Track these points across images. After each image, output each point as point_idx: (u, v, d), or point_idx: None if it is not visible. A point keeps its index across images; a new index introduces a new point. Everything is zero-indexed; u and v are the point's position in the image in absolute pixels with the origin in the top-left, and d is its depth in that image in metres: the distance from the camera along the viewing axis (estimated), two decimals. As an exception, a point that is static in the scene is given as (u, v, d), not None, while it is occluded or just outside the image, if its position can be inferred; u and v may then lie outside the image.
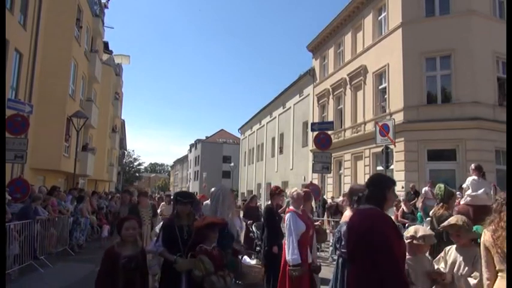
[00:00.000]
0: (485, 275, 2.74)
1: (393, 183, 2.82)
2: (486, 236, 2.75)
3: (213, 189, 4.35)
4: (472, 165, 6.96)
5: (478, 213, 4.98)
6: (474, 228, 3.78)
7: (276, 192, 6.14)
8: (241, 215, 9.25)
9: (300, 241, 4.34)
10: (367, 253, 2.52)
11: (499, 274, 2.59)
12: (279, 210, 6.16)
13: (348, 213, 4.15)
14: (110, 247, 3.46)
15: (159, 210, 9.82)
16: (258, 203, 14.25)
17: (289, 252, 4.24)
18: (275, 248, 5.46)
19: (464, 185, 7.00)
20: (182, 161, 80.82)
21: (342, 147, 18.75)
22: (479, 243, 3.32)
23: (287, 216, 4.47)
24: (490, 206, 6.48)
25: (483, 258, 2.77)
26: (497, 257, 2.59)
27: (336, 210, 11.69)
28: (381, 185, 2.74)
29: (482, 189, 6.36)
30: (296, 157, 25.72)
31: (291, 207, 4.59)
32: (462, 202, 6.44)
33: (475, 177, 6.62)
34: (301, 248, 4.33)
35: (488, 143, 13.26)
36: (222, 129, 66.40)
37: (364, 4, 18.04)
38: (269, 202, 6.42)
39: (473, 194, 6.36)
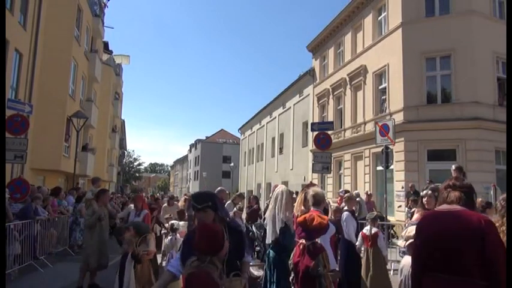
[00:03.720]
0: None
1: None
2: None
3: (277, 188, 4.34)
4: (453, 166, 7.13)
5: None
6: None
7: None
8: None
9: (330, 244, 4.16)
10: (477, 258, 2.21)
11: None
12: None
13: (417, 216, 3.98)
14: (211, 275, 2.24)
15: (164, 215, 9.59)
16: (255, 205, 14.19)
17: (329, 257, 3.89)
18: None
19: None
20: (182, 161, 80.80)
21: (342, 147, 18.75)
22: None
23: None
24: None
25: None
26: None
27: None
28: (471, 189, 2.50)
29: None
30: (296, 157, 25.72)
31: (314, 209, 4.20)
32: None
33: None
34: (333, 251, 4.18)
35: (488, 143, 13.25)
36: (222, 129, 66.45)
37: (364, 4, 18.04)
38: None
39: None
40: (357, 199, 12.35)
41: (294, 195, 11.04)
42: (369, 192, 14.03)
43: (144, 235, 4.80)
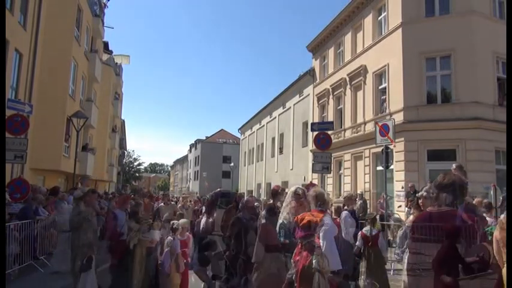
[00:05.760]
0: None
1: (465, 183, 2.58)
2: (497, 232, 3.21)
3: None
4: (454, 165, 7.07)
5: None
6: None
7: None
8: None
9: None
10: (459, 255, 2.40)
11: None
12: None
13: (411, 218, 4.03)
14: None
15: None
16: (256, 204, 14.17)
17: (333, 258, 3.80)
18: None
19: None
20: (182, 161, 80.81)
21: (342, 147, 18.75)
22: None
23: (324, 219, 3.87)
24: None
25: (495, 249, 3.25)
26: (504, 250, 3.13)
27: None
28: (453, 186, 2.53)
29: None
30: (296, 157, 25.73)
31: (319, 209, 4.08)
32: None
33: None
34: None
35: (488, 143, 13.26)
36: (222, 129, 66.42)
37: (364, 4, 18.05)
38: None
39: None
40: (360, 200, 12.34)
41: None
42: (383, 194, 13.41)
43: (151, 221, 4.89)
